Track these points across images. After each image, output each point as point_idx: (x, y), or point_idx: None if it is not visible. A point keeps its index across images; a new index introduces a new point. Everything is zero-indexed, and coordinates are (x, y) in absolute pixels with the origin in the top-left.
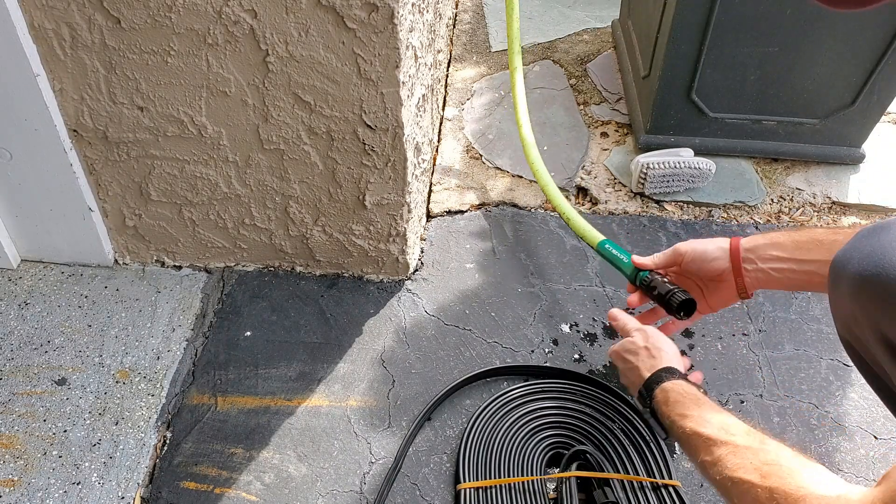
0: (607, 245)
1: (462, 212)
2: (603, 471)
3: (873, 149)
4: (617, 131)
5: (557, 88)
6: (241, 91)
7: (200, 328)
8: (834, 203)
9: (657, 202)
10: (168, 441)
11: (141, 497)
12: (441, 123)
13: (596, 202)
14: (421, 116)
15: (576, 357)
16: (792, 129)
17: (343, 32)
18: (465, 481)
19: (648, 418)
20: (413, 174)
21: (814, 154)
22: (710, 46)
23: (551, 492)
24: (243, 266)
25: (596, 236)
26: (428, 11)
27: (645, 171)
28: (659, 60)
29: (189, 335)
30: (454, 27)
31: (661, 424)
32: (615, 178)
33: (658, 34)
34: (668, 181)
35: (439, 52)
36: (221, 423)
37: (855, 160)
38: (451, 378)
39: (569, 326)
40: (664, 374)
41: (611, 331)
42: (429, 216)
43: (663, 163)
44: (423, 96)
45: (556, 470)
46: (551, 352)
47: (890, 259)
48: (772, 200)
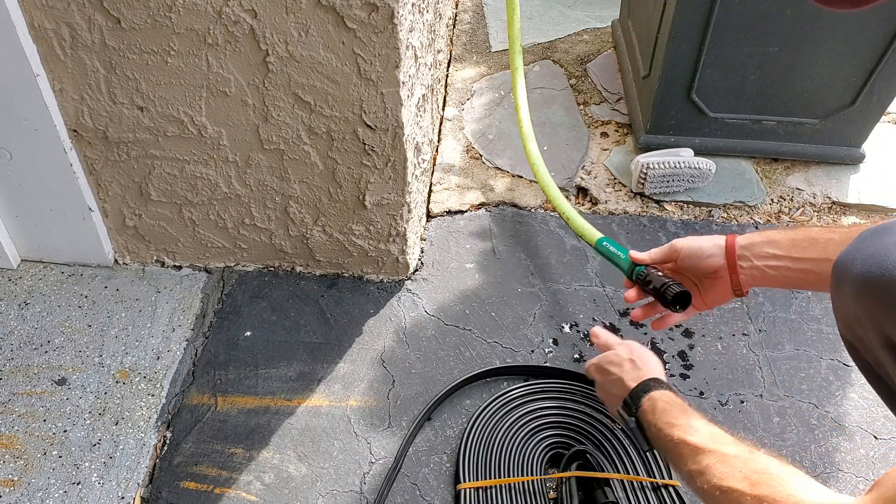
0: (605, 242)
1: (462, 212)
2: (603, 471)
3: (873, 149)
4: (617, 131)
5: (557, 88)
6: (241, 91)
7: (200, 328)
8: (834, 203)
9: (657, 202)
10: (168, 441)
11: (141, 497)
12: (441, 123)
13: (596, 202)
14: (421, 116)
15: (576, 357)
16: (792, 129)
17: (343, 32)
18: (465, 481)
19: (629, 431)
20: (413, 174)
21: (814, 154)
22: (710, 46)
23: (551, 492)
24: (243, 266)
25: (594, 234)
26: (428, 11)
27: (645, 171)
28: (659, 60)
29: (189, 335)
30: (454, 27)
31: (645, 436)
32: (615, 178)
33: (658, 34)
34: (668, 181)
35: (439, 52)
36: (221, 423)
37: (855, 160)
38: (451, 378)
39: (569, 326)
40: (652, 384)
41: (611, 330)
42: (429, 216)
43: (663, 163)
44: (423, 96)
45: (556, 470)
46: (551, 352)
47: (894, 261)
48: (772, 200)
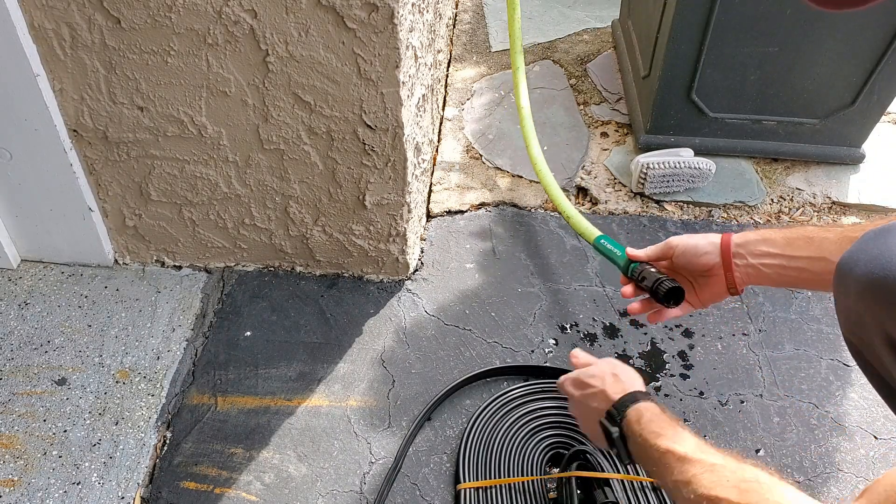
0: (603, 240)
1: (462, 212)
2: (603, 471)
3: (873, 149)
4: (617, 131)
5: (557, 88)
6: (241, 91)
7: (200, 328)
8: (834, 203)
9: (657, 202)
10: (168, 441)
11: (141, 497)
12: (441, 123)
13: (596, 202)
14: (421, 116)
15: None
16: (792, 129)
17: (343, 32)
18: (465, 481)
19: (611, 442)
20: (413, 174)
21: (814, 154)
22: (710, 46)
23: (551, 492)
24: (243, 266)
25: (593, 232)
26: (428, 11)
27: (645, 171)
28: (659, 60)
29: (189, 335)
30: (454, 27)
31: (627, 448)
32: (615, 178)
33: (658, 34)
34: (668, 181)
35: (439, 52)
36: (221, 423)
37: (855, 160)
38: (451, 378)
39: (569, 326)
40: (638, 395)
41: (611, 330)
42: (429, 216)
43: (663, 163)
44: (423, 96)
45: (556, 470)
46: (551, 352)
47: None
48: (772, 200)
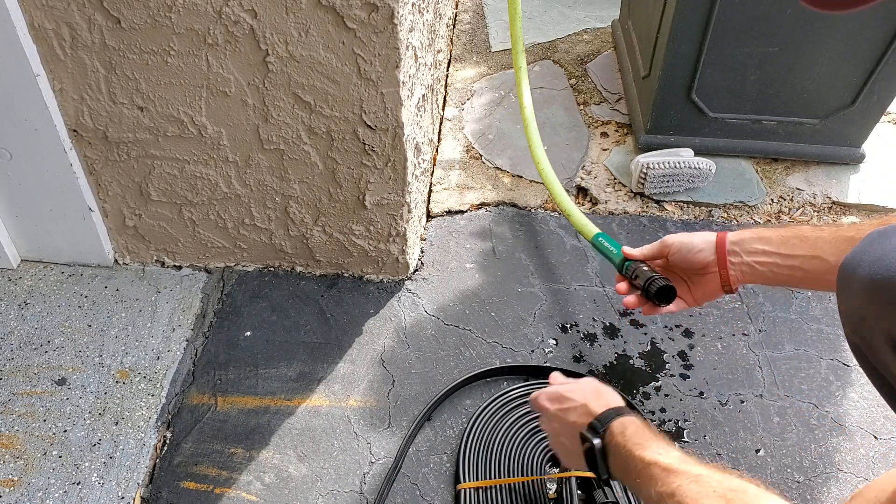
0: (600, 238)
1: (462, 212)
2: None
3: (873, 149)
4: (617, 131)
5: (557, 88)
6: (241, 91)
7: (200, 328)
8: (834, 203)
9: (657, 202)
10: (168, 441)
11: (141, 497)
12: (441, 123)
13: (596, 202)
14: (421, 116)
15: (576, 357)
16: (792, 129)
17: (343, 32)
18: (465, 481)
19: (586, 461)
20: (413, 174)
21: (814, 154)
22: (710, 46)
23: (551, 492)
24: (243, 266)
25: (592, 230)
26: (428, 11)
27: (645, 171)
28: (659, 60)
29: (189, 335)
30: (454, 27)
31: (606, 462)
32: (615, 178)
33: (658, 34)
34: (668, 181)
35: (439, 52)
36: (221, 423)
37: (855, 160)
38: (451, 378)
39: (569, 326)
40: (623, 410)
41: (611, 330)
42: (429, 216)
43: (663, 163)
44: (423, 96)
45: (556, 470)
46: (551, 352)
47: None
48: (772, 200)
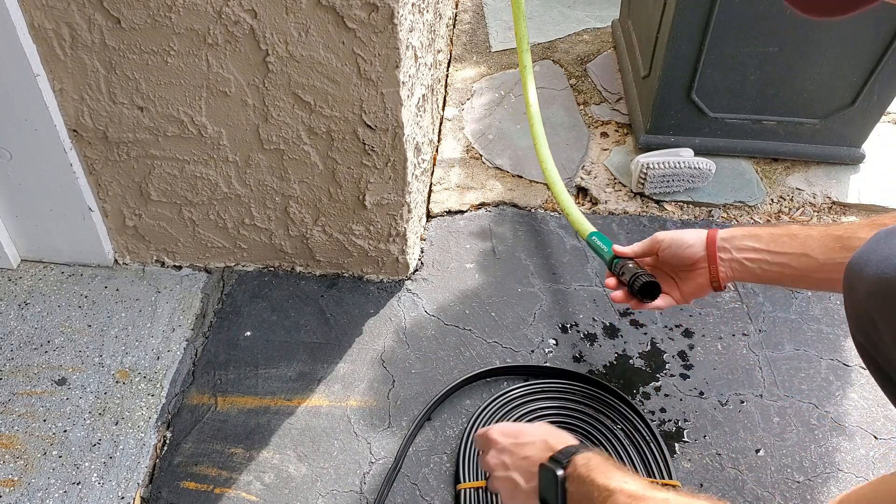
0: (594, 237)
1: (462, 212)
2: None
3: (873, 149)
4: (617, 131)
5: (557, 88)
6: (241, 91)
7: (200, 328)
8: (834, 203)
9: (657, 202)
10: (168, 441)
11: (141, 497)
12: (441, 123)
13: (596, 202)
14: (421, 116)
15: (576, 357)
16: (792, 129)
17: (343, 32)
18: (465, 481)
19: (540, 496)
20: (413, 174)
21: (814, 154)
22: (710, 46)
23: None
24: (243, 266)
25: (587, 229)
26: (428, 11)
27: (645, 171)
28: (659, 60)
29: (189, 335)
30: (454, 27)
31: (565, 497)
32: (615, 178)
33: (658, 34)
34: (668, 181)
35: (439, 52)
36: (221, 423)
37: (855, 160)
38: (451, 378)
39: (569, 326)
40: (585, 447)
41: (611, 330)
42: (429, 216)
43: (663, 163)
44: (423, 96)
45: None
46: (551, 352)
47: None
48: (772, 200)
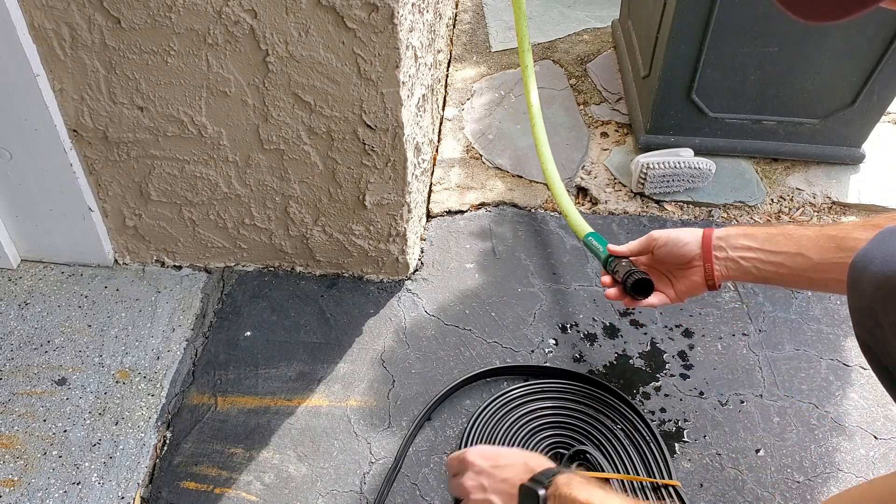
0: (590, 237)
1: (462, 212)
2: (603, 471)
3: (873, 149)
4: (617, 131)
5: (557, 88)
6: (241, 91)
7: (200, 328)
8: (834, 203)
9: (657, 202)
10: (168, 441)
11: (141, 497)
12: (441, 123)
13: (596, 202)
14: (421, 116)
15: (576, 357)
16: (792, 129)
17: (343, 32)
18: None
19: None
20: (413, 174)
21: (814, 154)
22: (710, 46)
23: None
24: (243, 266)
25: (584, 229)
26: (428, 11)
27: (645, 171)
28: (659, 60)
29: (189, 335)
30: (454, 27)
31: None
32: (615, 178)
33: (658, 34)
34: (668, 181)
35: (439, 52)
36: (221, 423)
37: (855, 160)
38: (451, 378)
39: (569, 326)
40: (563, 470)
41: (611, 330)
42: (429, 216)
43: (663, 163)
44: (423, 96)
45: None
46: (551, 352)
47: None
48: (772, 200)
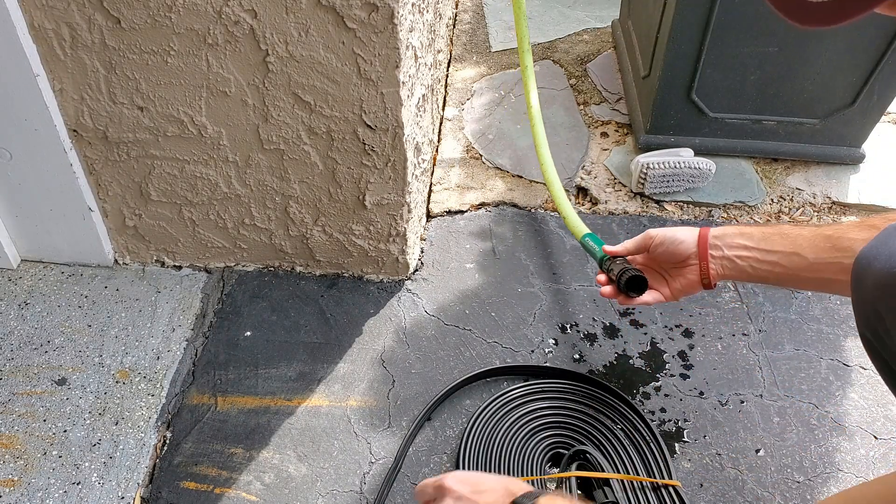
0: (587, 238)
1: (462, 212)
2: (603, 471)
3: (873, 149)
4: (617, 131)
5: (557, 88)
6: (241, 91)
7: (200, 328)
8: (834, 203)
9: (657, 202)
10: (168, 441)
11: (141, 497)
12: (441, 123)
13: (596, 202)
14: (421, 116)
15: (576, 357)
16: (792, 129)
17: (343, 32)
18: None
19: None
20: (413, 174)
21: (814, 154)
22: (710, 46)
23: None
24: (243, 266)
25: (581, 230)
26: (428, 11)
27: (645, 171)
28: (659, 60)
29: (189, 335)
30: (454, 27)
31: None
32: (615, 178)
33: (658, 34)
34: (668, 181)
35: (439, 52)
36: (221, 423)
37: (855, 160)
38: (451, 378)
39: (569, 326)
40: (547, 491)
41: (611, 330)
42: (429, 216)
43: (663, 163)
44: (423, 96)
45: (556, 470)
46: (551, 352)
47: None
48: (772, 200)
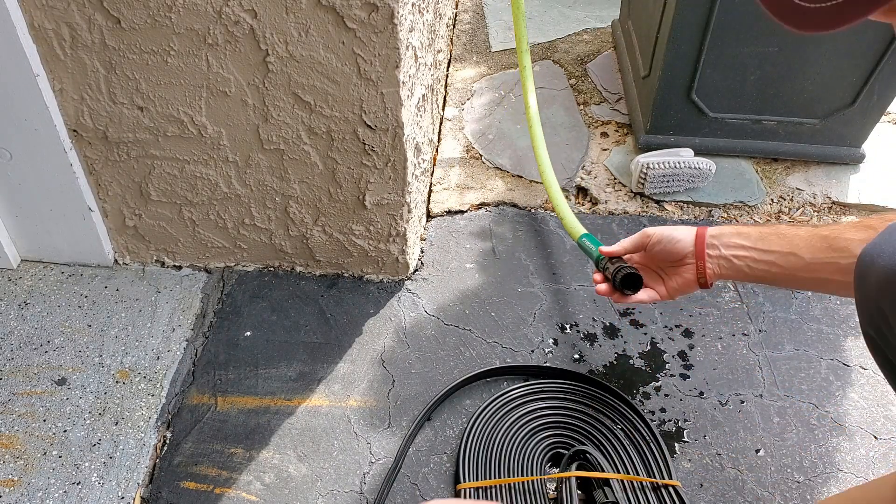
0: (584, 238)
1: (462, 212)
2: (603, 471)
3: (873, 149)
4: (617, 131)
5: (557, 88)
6: (241, 91)
7: (200, 328)
8: (834, 203)
9: (657, 202)
10: (168, 441)
11: (141, 497)
12: (441, 123)
13: (596, 202)
14: (421, 116)
15: (576, 357)
16: (792, 129)
17: (343, 32)
18: (465, 481)
19: None
20: (413, 174)
21: (814, 154)
22: (710, 46)
23: (551, 492)
24: (243, 266)
25: (578, 231)
26: (428, 11)
27: (645, 171)
28: (659, 60)
29: (189, 335)
30: (454, 27)
31: None
32: (615, 178)
33: (658, 34)
34: (668, 181)
35: (439, 52)
36: (221, 423)
37: (855, 160)
38: (451, 378)
39: (569, 326)
40: None
41: (611, 330)
42: (429, 216)
43: (663, 163)
44: (423, 96)
45: (556, 470)
46: (551, 352)
47: None
48: (772, 200)
